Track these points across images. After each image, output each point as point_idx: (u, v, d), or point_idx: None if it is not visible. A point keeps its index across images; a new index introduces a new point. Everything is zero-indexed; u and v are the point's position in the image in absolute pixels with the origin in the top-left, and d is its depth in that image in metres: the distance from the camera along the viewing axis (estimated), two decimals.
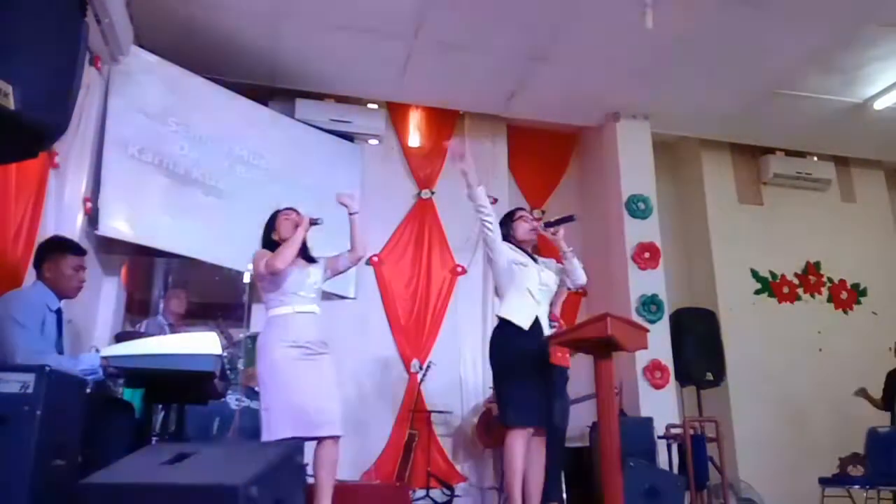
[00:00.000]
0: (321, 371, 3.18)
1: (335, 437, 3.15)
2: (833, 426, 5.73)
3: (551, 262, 3.68)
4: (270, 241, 3.37)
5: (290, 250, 3.19)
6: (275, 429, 3.02)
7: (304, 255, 3.39)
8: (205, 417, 4.19)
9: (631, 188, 5.89)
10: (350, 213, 3.50)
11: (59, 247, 3.09)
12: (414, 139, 6.06)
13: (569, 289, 3.76)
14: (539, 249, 3.76)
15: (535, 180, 6.47)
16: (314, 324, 3.26)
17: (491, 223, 3.46)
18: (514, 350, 3.34)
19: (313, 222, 3.36)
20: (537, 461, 3.37)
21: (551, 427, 3.42)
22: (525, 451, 3.28)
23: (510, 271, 3.47)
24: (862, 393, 5.24)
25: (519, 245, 3.59)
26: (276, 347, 3.13)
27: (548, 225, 3.62)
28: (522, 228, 3.61)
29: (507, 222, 3.65)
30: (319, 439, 3.13)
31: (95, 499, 1.98)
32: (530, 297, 3.43)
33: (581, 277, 3.60)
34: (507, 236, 3.58)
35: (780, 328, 6.21)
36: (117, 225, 4.40)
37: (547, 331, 3.44)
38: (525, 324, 3.36)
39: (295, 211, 3.43)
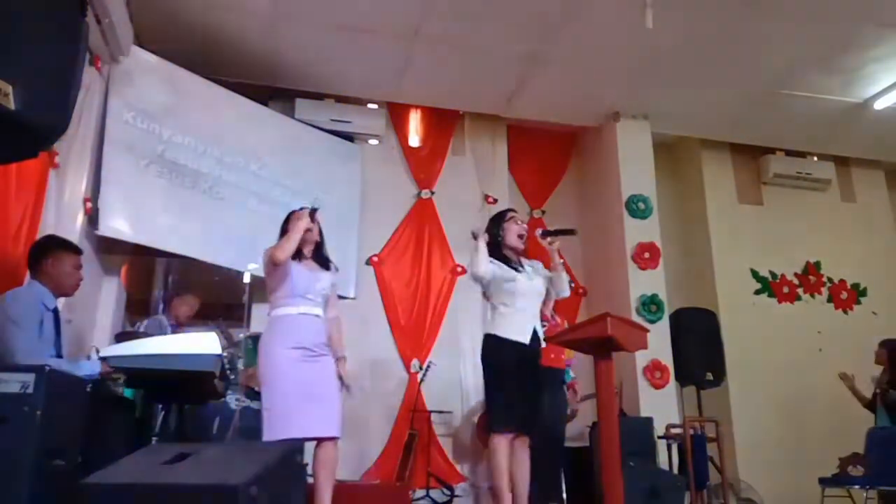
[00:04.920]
0: (322, 373, 3.20)
1: (334, 439, 3.18)
2: (833, 426, 5.72)
3: (539, 265, 3.61)
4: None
5: (290, 242, 3.18)
6: (276, 429, 3.02)
7: (319, 258, 3.40)
8: (205, 417, 4.19)
9: (631, 188, 5.89)
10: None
11: (60, 245, 3.11)
12: (414, 139, 6.05)
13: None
14: (527, 251, 3.65)
15: (535, 180, 6.48)
16: (317, 326, 3.26)
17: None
18: (508, 360, 3.36)
19: (312, 212, 3.33)
20: (523, 462, 3.41)
21: (540, 431, 3.48)
22: (510, 452, 3.33)
23: (499, 289, 3.44)
24: (848, 380, 5.08)
25: (506, 250, 3.53)
26: (279, 349, 3.13)
27: (546, 234, 3.56)
28: (512, 232, 3.54)
29: (497, 223, 3.59)
30: (319, 440, 3.15)
31: (95, 499, 1.98)
32: (523, 311, 3.42)
33: (566, 291, 3.57)
34: (497, 239, 3.53)
35: (780, 328, 6.21)
36: (117, 225, 4.40)
37: (542, 340, 3.45)
38: (525, 338, 3.37)
39: (314, 212, 3.40)
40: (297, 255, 3.26)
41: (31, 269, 3.03)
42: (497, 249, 3.50)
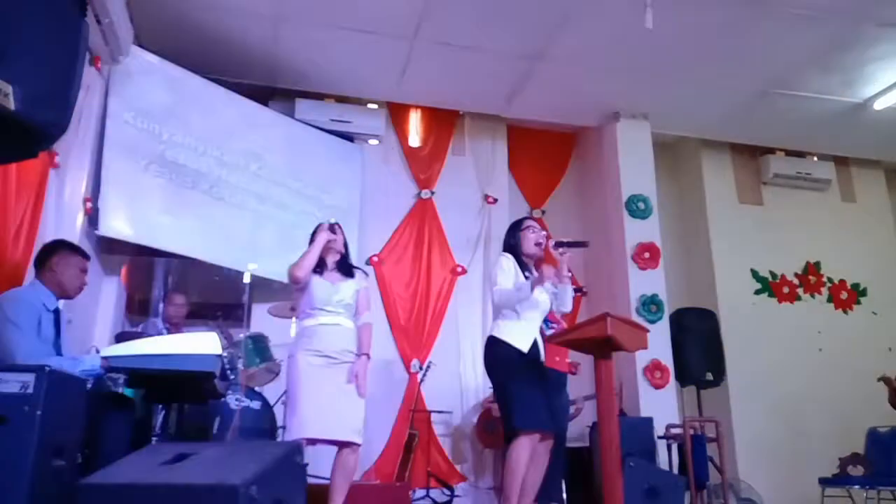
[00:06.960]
0: (346, 379, 3.28)
1: (353, 445, 3.26)
2: (833, 426, 5.73)
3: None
4: None
5: (307, 259, 3.33)
6: (297, 430, 3.13)
7: (342, 267, 3.47)
8: (205, 417, 4.18)
9: (631, 188, 5.89)
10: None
11: (69, 246, 3.14)
12: (414, 139, 6.05)
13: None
14: (539, 263, 3.64)
15: (535, 180, 6.48)
16: (340, 335, 3.34)
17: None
18: (514, 363, 3.35)
19: (332, 227, 3.44)
20: (541, 464, 3.39)
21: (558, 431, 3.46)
22: (530, 457, 3.28)
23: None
24: (891, 382, 4.92)
25: (524, 258, 3.53)
26: (301, 355, 3.26)
27: (558, 245, 3.52)
28: (529, 241, 3.55)
29: (514, 233, 3.62)
30: (339, 446, 3.25)
31: (95, 499, 1.98)
32: (531, 321, 3.43)
33: (568, 306, 3.58)
34: (514, 248, 3.55)
35: (780, 328, 6.20)
36: (117, 225, 4.40)
37: (543, 352, 3.46)
38: (525, 347, 3.37)
39: (333, 225, 3.49)
40: (320, 266, 3.38)
41: (36, 268, 3.03)
42: (516, 258, 3.52)
